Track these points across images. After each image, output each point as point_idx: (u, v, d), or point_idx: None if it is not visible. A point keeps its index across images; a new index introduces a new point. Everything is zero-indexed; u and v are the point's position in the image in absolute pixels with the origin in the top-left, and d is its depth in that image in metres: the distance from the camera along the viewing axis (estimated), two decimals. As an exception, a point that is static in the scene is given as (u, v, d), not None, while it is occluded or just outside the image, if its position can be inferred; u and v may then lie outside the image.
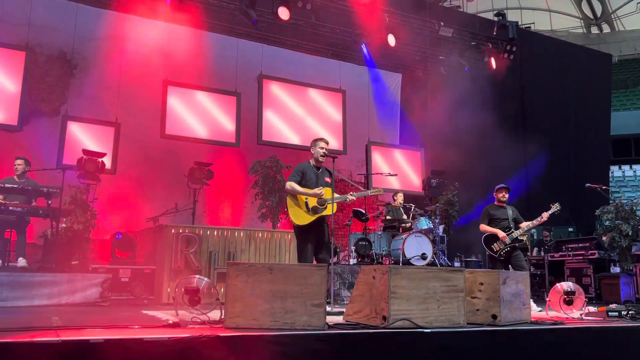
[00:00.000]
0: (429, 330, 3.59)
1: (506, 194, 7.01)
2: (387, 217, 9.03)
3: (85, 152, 8.32)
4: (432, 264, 7.94)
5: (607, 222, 9.75)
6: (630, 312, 4.98)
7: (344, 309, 4.40)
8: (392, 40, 10.69)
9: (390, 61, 12.22)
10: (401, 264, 7.64)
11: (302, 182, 5.37)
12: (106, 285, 6.43)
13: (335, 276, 6.76)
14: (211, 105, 10.58)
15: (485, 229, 6.95)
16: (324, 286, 3.61)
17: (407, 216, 9.15)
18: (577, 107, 13.61)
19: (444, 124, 11.00)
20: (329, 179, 5.51)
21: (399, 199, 9.06)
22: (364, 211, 8.51)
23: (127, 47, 9.71)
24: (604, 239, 9.45)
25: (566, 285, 5.30)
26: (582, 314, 5.09)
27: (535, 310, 5.90)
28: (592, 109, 13.92)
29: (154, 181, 9.62)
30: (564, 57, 13.62)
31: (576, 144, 13.49)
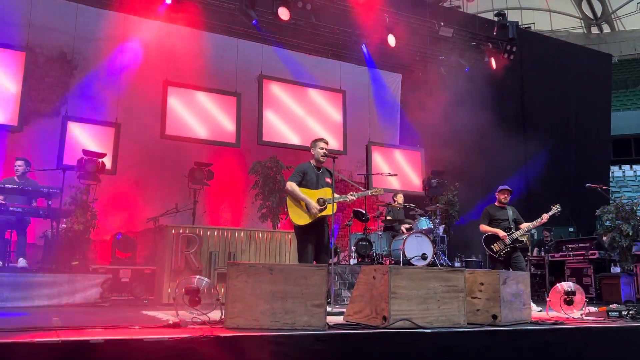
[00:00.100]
0: (429, 330, 3.59)
1: (508, 197, 7.02)
2: (387, 218, 9.03)
3: (85, 152, 8.32)
4: (433, 264, 7.94)
5: (608, 222, 9.77)
6: (630, 312, 4.98)
7: (344, 309, 4.40)
8: (392, 40, 10.69)
9: (390, 61, 12.21)
10: (401, 264, 7.63)
11: (302, 182, 5.36)
12: (106, 285, 6.42)
13: (335, 276, 6.76)
14: (211, 105, 10.58)
15: (485, 229, 6.95)
16: (324, 286, 3.61)
17: (407, 217, 9.15)
18: (577, 107, 13.61)
19: (444, 124, 10.99)
20: (329, 180, 5.50)
21: (399, 199, 9.06)
22: (364, 211, 8.51)
23: (127, 47, 9.71)
24: (605, 239, 9.46)
25: (566, 285, 5.29)
26: (582, 314, 5.08)
27: (535, 310, 5.89)
28: (592, 109, 13.93)
29: (154, 181, 9.63)
30: (564, 57, 13.63)
31: (576, 144, 13.50)
